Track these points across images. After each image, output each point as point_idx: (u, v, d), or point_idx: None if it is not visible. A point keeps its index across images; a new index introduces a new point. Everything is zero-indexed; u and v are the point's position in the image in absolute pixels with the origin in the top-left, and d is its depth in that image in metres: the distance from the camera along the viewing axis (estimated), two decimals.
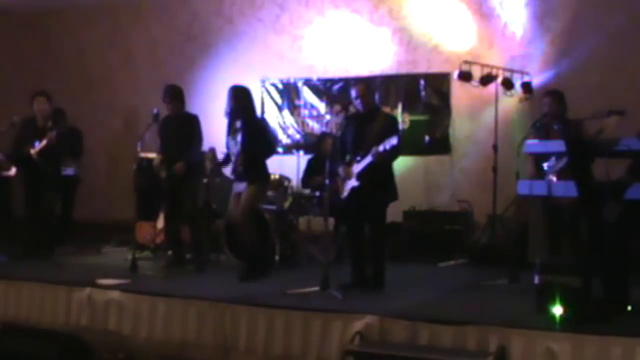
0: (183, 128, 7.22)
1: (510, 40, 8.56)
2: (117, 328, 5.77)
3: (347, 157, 6.20)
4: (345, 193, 6.18)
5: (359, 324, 4.93)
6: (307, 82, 9.64)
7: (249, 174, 6.67)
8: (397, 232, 8.18)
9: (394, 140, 5.78)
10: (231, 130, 6.78)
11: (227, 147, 6.89)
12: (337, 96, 9.39)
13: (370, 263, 6.17)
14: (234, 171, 6.79)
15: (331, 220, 7.48)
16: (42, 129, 7.73)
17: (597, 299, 4.98)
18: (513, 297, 5.78)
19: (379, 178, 6.03)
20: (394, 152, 5.93)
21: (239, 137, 6.65)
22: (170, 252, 7.53)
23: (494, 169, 7.87)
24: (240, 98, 6.73)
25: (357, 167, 6.03)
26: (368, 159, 5.92)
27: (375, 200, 6.08)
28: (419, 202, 8.57)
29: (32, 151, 7.63)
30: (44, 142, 7.58)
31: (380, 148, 5.81)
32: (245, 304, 5.40)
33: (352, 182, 6.08)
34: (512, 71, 8.23)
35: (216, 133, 7.46)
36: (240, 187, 6.74)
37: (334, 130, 8.92)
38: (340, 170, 6.19)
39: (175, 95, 7.33)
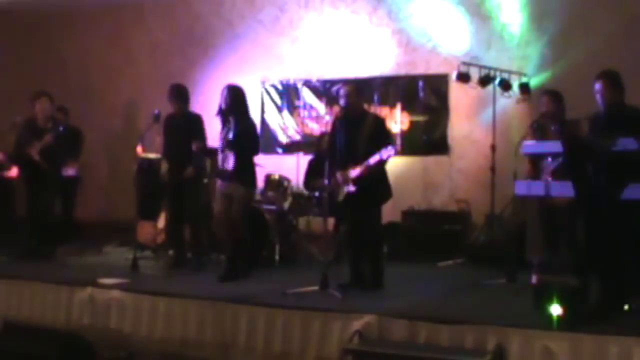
0: (186, 128, 7.25)
1: (508, 42, 8.60)
2: (118, 327, 5.80)
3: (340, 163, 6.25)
4: (341, 197, 6.21)
5: (358, 323, 4.97)
6: (307, 83, 9.68)
7: (239, 174, 6.64)
8: (395, 232, 8.22)
9: (391, 151, 5.83)
10: (224, 129, 6.76)
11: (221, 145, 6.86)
12: (336, 97, 9.37)
13: (368, 263, 6.20)
14: (220, 170, 6.73)
15: (331, 220, 7.52)
16: (43, 129, 7.77)
17: (594, 298, 5.03)
18: (511, 297, 5.81)
19: (372, 178, 6.07)
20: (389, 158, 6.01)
21: (230, 135, 6.64)
22: (171, 252, 7.58)
23: (492, 169, 7.91)
24: (236, 97, 6.74)
25: (352, 173, 6.06)
26: (361, 168, 5.97)
27: (369, 200, 6.12)
28: (417, 202, 8.61)
29: (33, 152, 7.68)
30: (42, 143, 7.63)
31: (372, 161, 5.87)
32: (245, 303, 5.44)
33: (349, 187, 6.10)
34: (509, 72, 8.26)
35: (217, 133, 7.48)
36: (227, 187, 6.68)
37: None
38: (338, 175, 6.20)
39: (178, 95, 7.36)
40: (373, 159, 5.88)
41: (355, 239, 6.29)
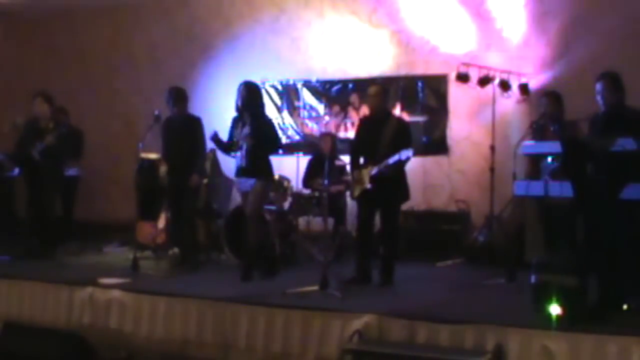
0: (185, 130, 7.25)
1: (508, 42, 8.60)
2: (119, 327, 5.81)
3: (362, 161, 6.34)
4: (356, 193, 6.36)
5: (357, 323, 4.98)
6: (306, 84, 9.69)
7: (256, 168, 6.64)
8: None
9: (409, 152, 5.96)
10: (238, 124, 6.72)
11: (231, 139, 6.83)
12: (336, 97, 9.46)
13: (381, 260, 6.35)
14: (239, 167, 6.70)
15: (330, 220, 7.54)
16: (44, 129, 7.78)
17: (594, 298, 5.04)
18: (510, 296, 5.84)
19: (392, 179, 6.17)
20: (407, 159, 6.12)
21: (245, 130, 6.61)
22: (171, 252, 7.58)
23: (492, 170, 7.93)
24: (252, 93, 6.72)
25: (371, 172, 6.18)
26: (380, 168, 6.08)
27: (387, 201, 6.26)
28: (417, 202, 8.56)
29: (34, 152, 7.68)
30: (44, 144, 7.64)
31: (391, 161, 5.99)
32: (245, 303, 5.45)
33: (366, 185, 6.23)
34: (509, 73, 8.28)
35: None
36: (246, 185, 6.68)
37: (334, 130, 8.99)
38: (354, 173, 6.33)
39: (179, 98, 7.37)
40: (392, 159, 6.01)
41: (366, 237, 6.37)
